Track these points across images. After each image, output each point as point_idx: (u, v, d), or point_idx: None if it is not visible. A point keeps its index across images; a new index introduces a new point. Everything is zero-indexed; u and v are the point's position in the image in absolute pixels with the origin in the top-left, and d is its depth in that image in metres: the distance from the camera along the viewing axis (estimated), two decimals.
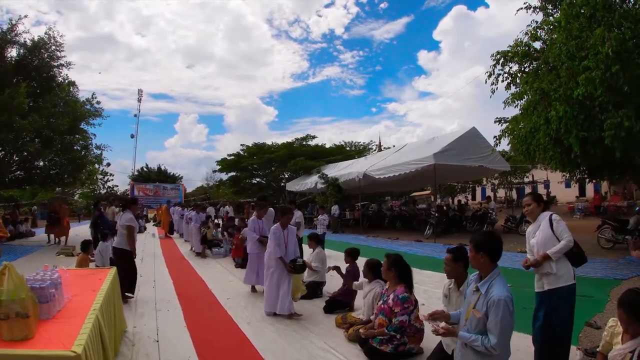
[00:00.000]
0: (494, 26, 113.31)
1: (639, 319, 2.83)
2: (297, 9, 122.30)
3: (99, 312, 3.68)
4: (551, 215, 4.33)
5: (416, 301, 4.62)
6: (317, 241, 8.32)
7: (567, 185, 30.25)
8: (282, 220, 6.80)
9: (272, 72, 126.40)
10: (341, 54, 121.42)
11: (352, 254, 6.98)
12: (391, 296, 4.56)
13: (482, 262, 3.04)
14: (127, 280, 7.36)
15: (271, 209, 9.87)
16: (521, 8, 10.44)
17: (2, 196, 23.46)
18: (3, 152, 17.32)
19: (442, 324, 3.19)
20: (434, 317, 3.37)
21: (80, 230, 20.28)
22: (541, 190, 35.09)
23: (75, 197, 39.35)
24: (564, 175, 14.97)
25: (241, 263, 10.95)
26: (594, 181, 18.69)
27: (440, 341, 4.29)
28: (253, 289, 8.41)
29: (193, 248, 14.62)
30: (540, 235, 4.28)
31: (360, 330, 5.01)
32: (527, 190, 38.25)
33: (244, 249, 10.33)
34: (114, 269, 5.76)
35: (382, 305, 4.66)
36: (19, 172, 18.72)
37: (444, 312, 3.54)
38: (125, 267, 7.33)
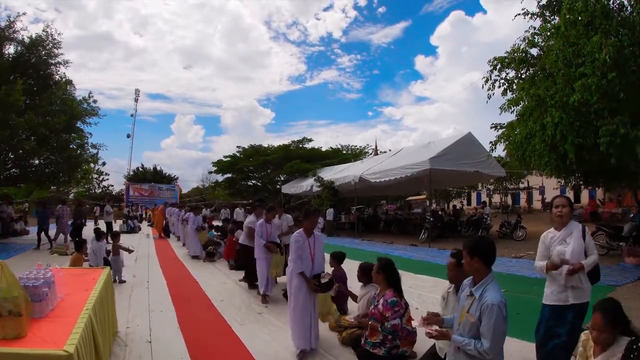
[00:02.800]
0: (491, 32, 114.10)
1: (613, 326, 2.82)
2: (295, 12, 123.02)
3: (91, 311, 3.66)
4: (584, 226, 4.15)
5: (406, 304, 4.61)
6: None
7: (562, 192, 30.31)
8: (307, 226, 5.35)
9: (270, 74, 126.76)
10: (339, 57, 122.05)
11: (337, 258, 6.90)
12: (381, 301, 4.56)
13: (477, 267, 3.03)
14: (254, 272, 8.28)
15: (288, 215, 9.92)
16: (519, 14, 10.49)
17: None
18: None
19: (435, 327, 3.19)
20: (428, 321, 3.37)
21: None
22: (536, 196, 35.20)
23: (70, 196, 39.15)
24: (559, 182, 15.07)
25: (235, 265, 10.92)
26: (589, 188, 18.77)
27: (434, 344, 4.29)
28: (264, 299, 7.67)
29: (189, 252, 14.10)
30: (576, 245, 4.01)
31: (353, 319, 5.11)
32: (523, 195, 38.45)
33: (237, 251, 10.35)
34: (107, 269, 5.74)
35: (373, 310, 4.65)
36: (14, 169, 18.59)
37: (438, 315, 3.54)
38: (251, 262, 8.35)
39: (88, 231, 18.24)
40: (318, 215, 5.75)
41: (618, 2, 8.68)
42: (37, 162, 18.61)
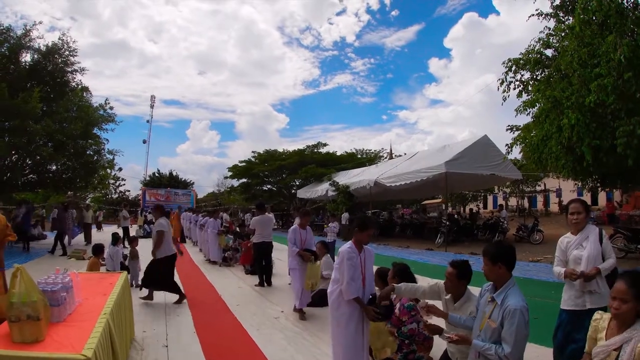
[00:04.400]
0: (505, 33, 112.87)
1: (638, 298, 2.54)
2: (308, 17, 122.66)
3: (109, 316, 3.69)
4: (601, 230, 4.12)
5: None
6: (326, 248, 8.32)
7: (579, 194, 29.88)
8: (361, 237, 4.32)
9: (284, 80, 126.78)
10: (352, 61, 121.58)
11: (382, 275, 6.72)
12: (397, 305, 4.53)
13: (500, 273, 3.02)
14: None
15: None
16: (533, 15, 10.40)
17: (14, 199, 23.70)
18: (16, 156, 17.52)
19: (455, 332, 3.16)
20: (431, 310, 3.37)
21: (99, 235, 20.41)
22: (553, 199, 34.74)
23: (87, 202, 39.63)
24: (576, 184, 14.84)
25: (251, 270, 10.96)
26: (606, 190, 18.50)
27: (446, 349, 4.26)
28: (302, 315, 6.88)
29: (207, 257, 14.14)
30: (592, 248, 3.98)
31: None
32: (540, 198, 37.98)
33: (252, 256, 10.45)
34: (124, 274, 5.79)
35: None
36: (31, 175, 18.95)
37: (444, 312, 3.52)
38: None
39: (79, 239, 18.57)
40: (375, 228, 4.58)
41: (632, 0, 8.57)
42: (54, 167, 18.97)
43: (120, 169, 31.42)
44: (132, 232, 20.48)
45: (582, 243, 4.07)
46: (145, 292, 8.06)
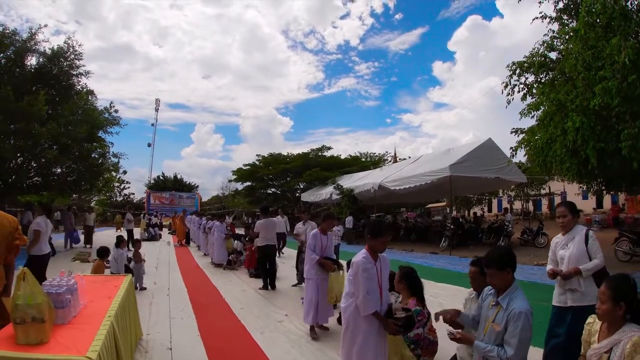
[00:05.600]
0: (509, 36, 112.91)
1: (616, 300, 2.60)
2: (312, 21, 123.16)
3: (114, 318, 3.70)
4: (588, 230, 4.25)
5: (429, 314, 4.55)
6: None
7: (584, 197, 29.84)
8: (375, 244, 3.91)
9: (288, 83, 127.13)
10: (356, 65, 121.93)
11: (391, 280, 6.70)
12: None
13: (508, 279, 3.02)
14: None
15: (313, 222, 9.40)
16: (536, 18, 10.41)
17: (19, 201, 23.83)
18: (22, 159, 17.61)
19: (459, 330, 3.15)
20: (446, 315, 3.34)
21: (102, 237, 20.47)
22: (558, 202, 34.63)
23: (91, 204, 39.78)
24: (580, 187, 14.81)
25: (255, 273, 10.96)
26: (611, 193, 18.44)
27: (455, 354, 4.24)
28: (313, 331, 6.15)
29: (212, 260, 14.01)
30: (575, 249, 4.18)
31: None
32: (544, 202, 37.87)
33: (257, 259, 10.46)
34: (129, 276, 5.80)
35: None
36: (36, 178, 19.02)
37: (456, 310, 3.49)
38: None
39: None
40: (390, 234, 4.28)
41: (637, 2, 8.56)
42: (59, 170, 19.06)
43: (125, 172, 31.47)
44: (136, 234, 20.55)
45: (567, 244, 4.28)
46: None
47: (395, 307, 3.98)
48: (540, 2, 10.52)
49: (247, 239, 13.15)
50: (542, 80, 10.51)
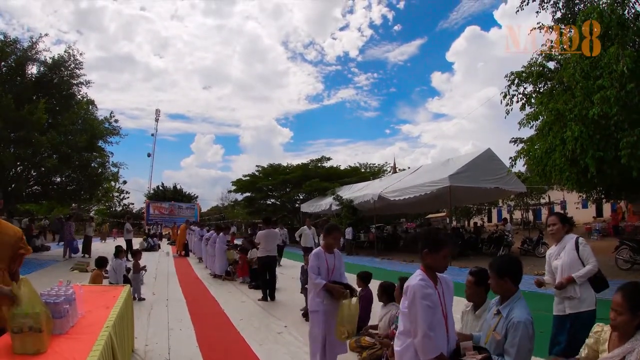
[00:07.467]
0: (507, 46, 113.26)
1: (633, 310, 2.56)
2: (312, 32, 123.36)
3: (111, 329, 3.68)
4: (577, 238, 4.33)
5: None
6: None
7: (584, 206, 29.85)
8: (434, 261, 3.01)
9: (288, 94, 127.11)
10: (355, 76, 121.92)
11: (364, 278, 6.76)
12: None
13: (506, 287, 3.03)
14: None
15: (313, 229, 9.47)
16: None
17: (18, 210, 23.83)
18: (21, 167, 17.66)
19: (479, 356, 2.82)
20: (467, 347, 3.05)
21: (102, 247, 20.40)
22: (558, 211, 34.63)
23: (91, 214, 39.70)
24: (580, 196, 14.82)
25: (255, 284, 10.89)
26: (611, 201, 18.44)
27: None
28: None
29: (212, 272, 13.91)
30: (566, 257, 4.27)
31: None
32: (544, 211, 37.84)
33: (249, 268, 10.55)
34: (127, 287, 5.78)
35: (395, 330, 4.58)
36: (36, 187, 19.09)
37: (470, 336, 3.32)
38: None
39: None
40: (452, 245, 3.25)
41: (633, 11, 8.61)
42: (58, 179, 19.14)
43: (124, 182, 31.63)
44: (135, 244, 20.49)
45: (560, 253, 4.38)
46: None
47: (464, 345, 2.90)
48: (537, 12, 10.61)
49: (237, 249, 13.15)
50: (541, 90, 10.54)
